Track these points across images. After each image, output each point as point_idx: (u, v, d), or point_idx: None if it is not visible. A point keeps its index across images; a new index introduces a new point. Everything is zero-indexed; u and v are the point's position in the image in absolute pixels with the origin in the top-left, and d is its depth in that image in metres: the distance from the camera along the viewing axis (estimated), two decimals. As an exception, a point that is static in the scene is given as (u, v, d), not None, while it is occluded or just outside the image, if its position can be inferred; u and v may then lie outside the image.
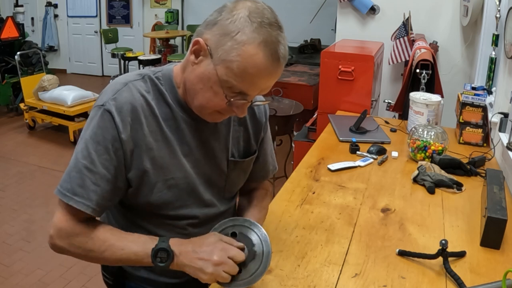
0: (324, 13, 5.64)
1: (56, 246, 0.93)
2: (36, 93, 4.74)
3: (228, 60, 0.84)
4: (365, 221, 1.32)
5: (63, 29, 7.85)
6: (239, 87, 0.87)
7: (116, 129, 0.89)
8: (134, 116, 0.91)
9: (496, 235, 1.18)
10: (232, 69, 0.84)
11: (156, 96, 0.96)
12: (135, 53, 6.29)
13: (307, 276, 1.06)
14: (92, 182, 0.89)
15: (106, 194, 0.91)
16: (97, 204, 0.90)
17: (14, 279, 2.51)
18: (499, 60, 2.17)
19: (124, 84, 0.93)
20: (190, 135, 0.99)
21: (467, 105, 1.89)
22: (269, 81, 0.89)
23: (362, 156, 1.77)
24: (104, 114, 0.89)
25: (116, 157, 0.90)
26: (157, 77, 0.97)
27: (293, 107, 3.37)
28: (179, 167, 0.98)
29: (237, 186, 1.14)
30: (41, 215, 3.17)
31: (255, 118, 1.11)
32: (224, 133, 1.05)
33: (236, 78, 0.85)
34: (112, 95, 0.91)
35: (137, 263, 0.91)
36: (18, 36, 5.59)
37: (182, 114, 0.97)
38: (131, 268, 1.12)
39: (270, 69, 0.86)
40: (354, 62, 2.42)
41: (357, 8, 3.42)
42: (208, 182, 1.05)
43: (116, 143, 0.89)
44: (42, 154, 4.32)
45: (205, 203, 1.06)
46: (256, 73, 0.85)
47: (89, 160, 0.89)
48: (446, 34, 3.28)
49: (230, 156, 1.06)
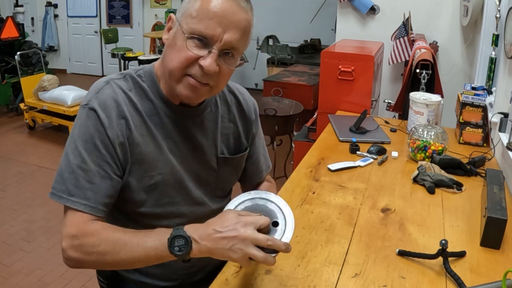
0: (324, 13, 5.64)
1: (71, 259, 0.88)
2: (36, 93, 4.74)
3: (187, 8, 0.89)
4: (365, 221, 1.32)
5: (63, 29, 7.85)
6: (198, 28, 0.87)
7: (102, 125, 0.90)
8: (118, 111, 0.92)
9: (496, 235, 1.18)
10: (191, 13, 0.88)
11: (138, 93, 0.97)
12: (135, 53, 6.29)
13: (307, 276, 1.06)
14: (86, 180, 0.89)
15: (102, 190, 0.90)
16: (95, 201, 0.89)
17: (14, 279, 2.51)
18: (499, 60, 2.17)
19: (106, 83, 0.96)
20: (175, 130, 0.99)
21: (467, 105, 1.89)
22: (227, 20, 0.87)
23: (362, 156, 1.77)
24: (89, 112, 0.91)
25: (107, 152, 0.91)
26: (138, 75, 0.99)
27: (293, 107, 3.37)
28: (166, 163, 0.98)
29: (229, 184, 1.14)
30: (41, 215, 3.17)
31: (244, 115, 1.12)
32: (212, 129, 1.05)
33: (194, 20, 0.88)
34: (95, 93, 0.93)
35: (158, 260, 0.85)
36: (18, 36, 5.59)
37: (166, 109, 0.98)
38: (126, 272, 1.12)
39: (226, 5, 0.87)
40: (354, 62, 2.42)
41: (357, 8, 3.42)
42: (197, 179, 1.05)
43: (104, 139, 0.90)
44: (42, 154, 4.33)
45: (195, 200, 1.05)
46: (211, 7, 0.87)
47: (80, 159, 0.89)
48: (446, 34, 3.28)
49: (219, 153, 1.06)
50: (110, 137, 0.90)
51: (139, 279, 1.11)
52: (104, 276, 1.17)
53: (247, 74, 6.63)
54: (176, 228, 0.84)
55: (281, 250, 0.82)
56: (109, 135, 0.90)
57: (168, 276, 1.11)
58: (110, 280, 1.16)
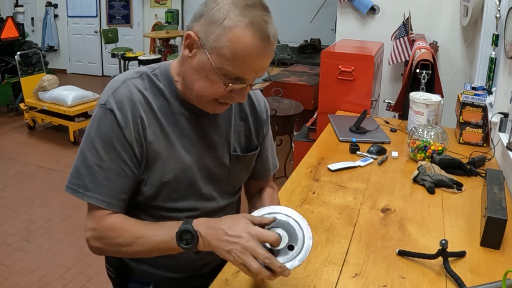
0: (324, 13, 5.64)
1: (94, 248, 0.97)
2: (36, 93, 4.74)
3: (219, 47, 0.86)
4: (365, 221, 1.32)
5: (63, 29, 7.85)
6: (234, 72, 0.88)
7: (119, 126, 0.93)
8: (133, 111, 0.95)
9: (496, 235, 1.18)
10: (224, 54, 0.86)
11: (154, 92, 0.99)
12: (135, 53, 6.29)
13: (307, 276, 1.06)
14: (103, 177, 0.93)
15: (119, 187, 0.95)
16: (112, 197, 0.94)
17: (14, 279, 2.51)
18: (499, 60, 2.17)
19: (122, 82, 0.97)
20: (190, 128, 1.01)
21: (467, 105, 1.89)
22: (262, 62, 0.89)
23: (362, 156, 1.77)
24: (106, 112, 0.94)
25: (124, 151, 0.94)
26: (154, 74, 1.01)
27: (293, 107, 3.37)
28: (178, 160, 1.00)
29: (240, 181, 1.16)
30: (41, 215, 3.16)
31: (256, 113, 1.13)
32: (225, 127, 1.07)
33: (230, 63, 0.87)
34: (112, 93, 0.95)
35: (168, 251, 0.91)
36: (18, 36, 5.59)
37: (181, 108, 1.00)
38: (134, 263, 1.14)
39: (261, 48, 0.86)
40: (354, 62, 2.42)
41: (357, 8, 3.42)
42: (209, 175, 1.06)
43: (121, 139, 0.94)
44: (42, 154, 4.32)
45: (204, 196, 1.07)
46: (247, 54, 0.86)
47: (97, 157, 0.93)
48: (446, 34, 3.28)
49: (232, 151, 1.08)
50: (127, 137, 0.94)
51: (147, 270, 1.13)
52: (113, 266, 1.18)
53: (247, 74, 6.63)
54: (185, 222, 0.89)
55: (276, 272, 0.84)
56: (126, 135, 0.93)
57: (177, 267, 1.12)
58: (118, 270, 1.17)
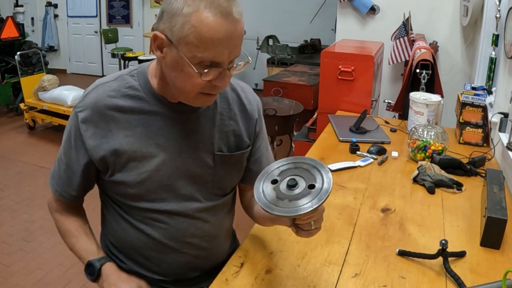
0: (324, 13, 5.64)
1: (51, 214, 1.16)
2: (36, 93, 4.74)
3: (185, 36, 0.85)
4: (365, 221, 1.32)
5: (63, 29, 7.84)
6: (206, 57, 0.86)
7: (79, 130, 0.99)
8: (98, 117, 0.98)
9: (496, 235, 1.18)
10: (192, 42, 0.85)
11: (128, 93, 1.00)
12: (135, 53, 6.28)
13: (307, 276, 1.06)
14: (61, 170, 1.07)
15: (69, 184, 1.07)
16: (63, 190, 1.08)
17: (14, 279, 2.50)
18: (499, 60, 2.17)
19: (94, 87, 1.02)
20: (167, 128, 1.01)
21: (467, 105, 1.89)
22: (231, 40, 0.87)
23: (362, 156, 1.77)
24: (73, 115, 1.01)
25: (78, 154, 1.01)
26: (132, 75, 1.02)
27: (293, 107, 3.38)
28: (152, 161, 1.00)
29: (229, 182, 1.13)
30: (41, 215, 3.16)
31: (246, 113, 1.11)
32: (208, 126, 1.05)
33: (199, 49, 0.85)
34: (82, 98, 1.01)
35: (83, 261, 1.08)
36: (18, 36, 5.59)
37: (158, 107, 1.00)
38: (119, 261, 1.13)
39: (226, 26, 0.85)
40: (354, 62, 2.42)
41: (357, 8, 3.42)
42: (190, 176, 1.05)
43: (79, 142, 1.00)
44: (42, 154, 4.32)
45: (183, 197, 1.05)
46: (213, 35, 0.84)
47: (61, 152, 1.06)
48: (446, 34, 3.28)
49: (216, 150, 1.06)
50: (86, 142, 0.99)
51: (133, 269, 1.12)
52: None
53: (247, 74, 6.62)
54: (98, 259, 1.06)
55: None
56: (85, 139, 0.99)
57: (161, 270, 1.11)
58: None
